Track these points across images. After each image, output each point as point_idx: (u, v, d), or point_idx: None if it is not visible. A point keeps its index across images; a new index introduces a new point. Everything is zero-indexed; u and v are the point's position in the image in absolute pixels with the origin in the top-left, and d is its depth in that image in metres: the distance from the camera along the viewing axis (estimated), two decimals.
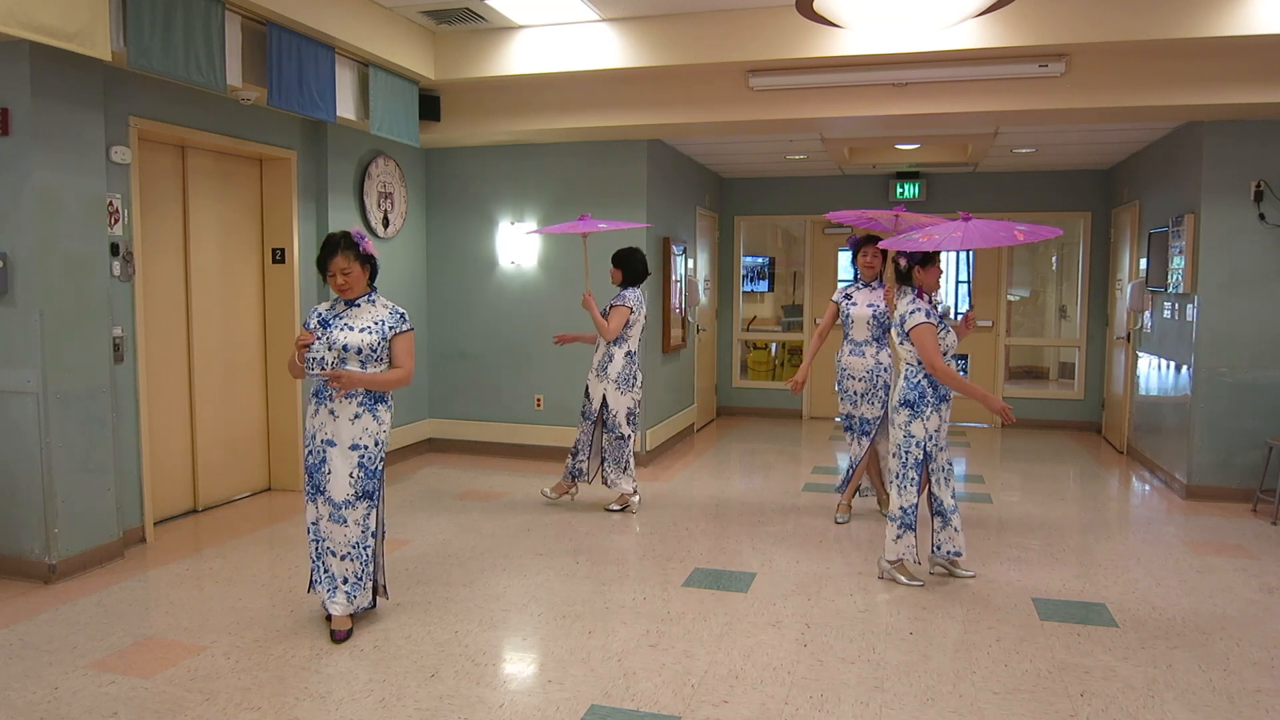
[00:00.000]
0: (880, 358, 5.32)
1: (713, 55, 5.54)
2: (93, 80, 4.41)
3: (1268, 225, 5.87)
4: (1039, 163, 8.43)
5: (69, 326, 4.35)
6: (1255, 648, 3.64)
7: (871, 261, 5.33)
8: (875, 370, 5.31)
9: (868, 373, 5.31)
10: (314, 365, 3.57)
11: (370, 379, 3.58)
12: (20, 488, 4.33)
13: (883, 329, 5.32)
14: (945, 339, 4.23)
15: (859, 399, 5.36)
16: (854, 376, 5.35)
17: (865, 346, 5.33)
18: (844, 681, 3.32)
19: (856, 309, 5.33)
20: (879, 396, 5.30)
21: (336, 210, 6.25)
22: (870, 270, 5.35)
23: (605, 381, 5.48)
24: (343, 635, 3.64)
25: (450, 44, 6.00)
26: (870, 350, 5.32)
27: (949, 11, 3.79)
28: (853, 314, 5.35)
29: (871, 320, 5.30)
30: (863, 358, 5.32)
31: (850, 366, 5.36)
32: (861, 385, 5.33)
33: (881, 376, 5.30)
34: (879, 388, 5.30)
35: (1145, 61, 5.29)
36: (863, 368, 5.32)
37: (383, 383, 3.62)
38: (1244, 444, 5.99)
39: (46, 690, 3.21)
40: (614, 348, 5.46)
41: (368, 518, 3.67)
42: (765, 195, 9.55)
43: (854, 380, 5.36)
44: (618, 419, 5.50)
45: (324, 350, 3.57)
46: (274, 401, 6.11)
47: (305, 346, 3.54)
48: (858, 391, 5.36)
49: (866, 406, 5.34)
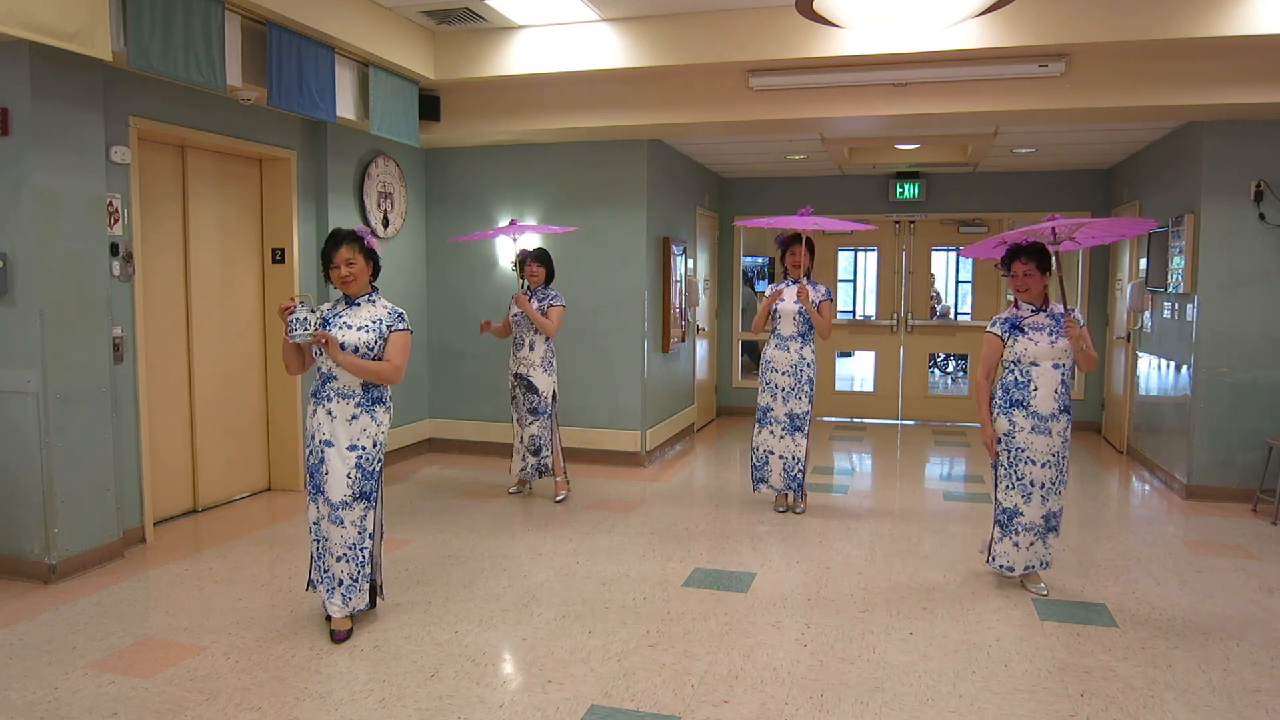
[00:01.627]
0: (804, 353, 5.48)
1: (713, 55, 5.54)
2: (93, 80, 4.41)
3: (1268, 225, 5.87)
4: (1039, 163, 8.43)
5: (69, 326, 4.35)
6: (1255, 648, 3.64)
7: (798, 260, 5.46)
8: (799, 365, 5.47)
9: (791, 367, 5.47)
10: (296, 325, 3.49)
11: (350, 360, 3.55)
12: (20, 488, 4.33)
13: (809, 325, 5.47)
14: (1014, 346, 4.17)
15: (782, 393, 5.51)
16: (778, 370, 5.52)
17: (790, 341, 5.49)
18: (844, 681, 3.32)
19: (784, 304, 5.48)
20: (805, 391, 5.47)
21: (336, 210, 6.25)
22: (797, 269, 5.48)
23: (551, 374, 5.79)
24: (342, 636, 3.64)
25: (450, 44, 5.99)
26: (795, 345, 5.48)
27: (949, 11, 3.79)
28: (780, 309, 5.50)
29: (798, 315, 5.45)
30: (787, 352, 5.49)
31: (774, 360, 5.53)
32: (787, 380, 5.49)
33: (806, 371, 5.47)
34: (804, 382, 5.47)
35: (1145, 61, 5.29)
36: (787, 361, 5.48)
37: (362, 369, 3.57)
38: (1244, 444, 5.99)
39: (46, 690, 3.21)
40: (539, 337, 5.77)
41: (365, 519, 3.66)
42: (765, 195, 9.55)
43: (778, 374, 5.52)
44: (553, 405, 5.85)
45: (306, 313, 3.52)
46: (274, 402, 6.11)
47: (288, 310, 3.49)
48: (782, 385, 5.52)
49: (795, 401, 5.49)
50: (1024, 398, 4.15)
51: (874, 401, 9.73)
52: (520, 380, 5.79)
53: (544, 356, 5.77)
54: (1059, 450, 4.16)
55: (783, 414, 5.51)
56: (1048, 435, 4.13)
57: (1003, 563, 4.28)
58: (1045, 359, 4.11)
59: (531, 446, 5.87)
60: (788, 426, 5.51)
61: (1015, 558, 4.26)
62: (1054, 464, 4.17)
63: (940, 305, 12.60)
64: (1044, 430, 4.13)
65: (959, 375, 12.40)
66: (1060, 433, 4.15)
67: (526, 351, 5.77)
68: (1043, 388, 4.12)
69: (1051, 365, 4.12)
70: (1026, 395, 4.15)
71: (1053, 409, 4.13)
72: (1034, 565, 4.27)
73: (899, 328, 9.56)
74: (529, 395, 5.78)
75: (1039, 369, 4.12)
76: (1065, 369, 4.15)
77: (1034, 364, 4.13)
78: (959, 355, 11.97)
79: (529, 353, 5.76)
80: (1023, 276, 4.15)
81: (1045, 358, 4.11)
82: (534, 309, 5.67)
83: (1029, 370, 4.14)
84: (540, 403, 5.77)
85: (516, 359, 5.81)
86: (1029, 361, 4.14)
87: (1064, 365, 4.14)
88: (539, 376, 5.74)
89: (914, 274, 9.62)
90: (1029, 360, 4.14)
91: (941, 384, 11.92)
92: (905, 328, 9.55)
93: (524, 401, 5.81)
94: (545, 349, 5.78)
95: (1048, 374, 4.12)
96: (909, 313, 9.57)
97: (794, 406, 5.48)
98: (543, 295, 5.78)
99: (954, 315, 13.25)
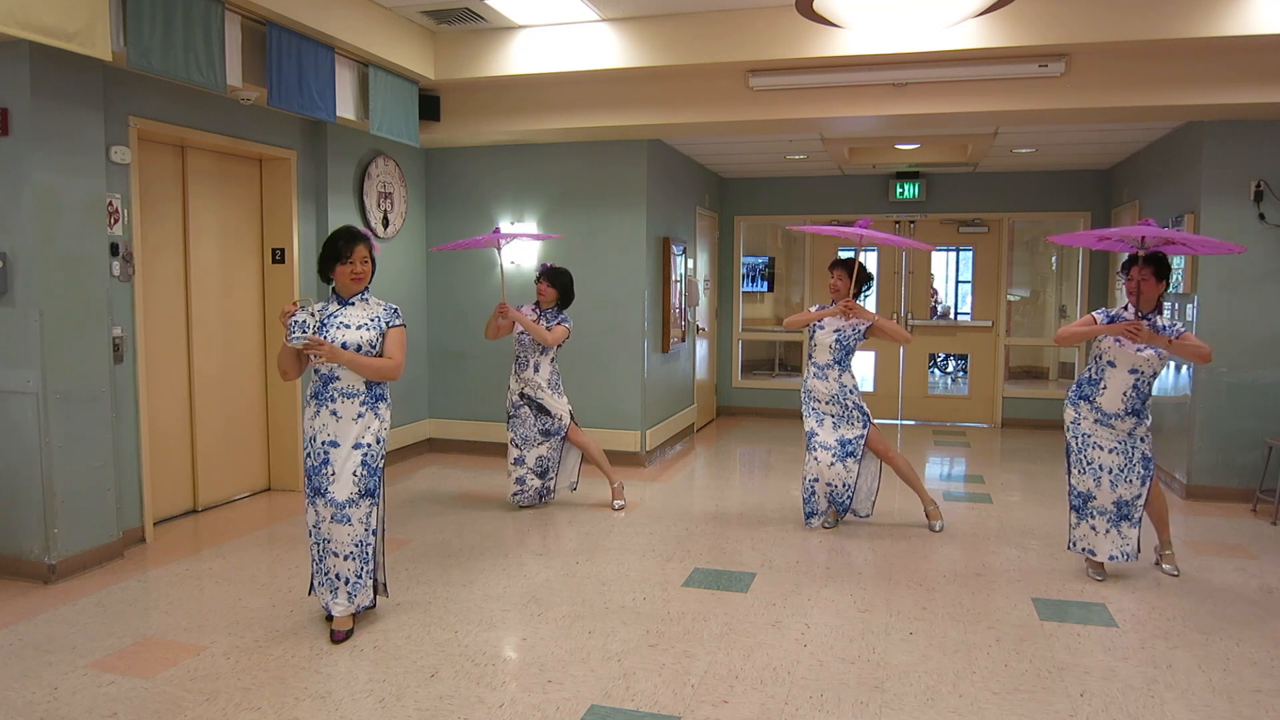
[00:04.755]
0: (844, 380, 5.15)
1: (713, 55, 5.54)
2: (93, 80, 4.41)
3: (1268, 225, 5.87)
4: (1039, 163, 8.43)
5: (69, 326, 4.35)
6: (1255, 648, 3.64)
7: (836, 284, 5.13)
8: (840, 394, 5.14)
9: (833, 396, 5.15)
10: (295, 329, 3.50)
11: (353, 358, 3.55)
12: (20, 488, 4.33)
13: (846, 352, 5.14)
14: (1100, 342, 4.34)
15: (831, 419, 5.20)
16: (819, 399, 5.20)
17: (828, 370, 5.16)
18: (844, 681, 3.32)
19: (822, 333, 5.16)
20: (855, 417, 5.14)
21: (336, 210, 6.25)
22: (836, 293, 5.14)
23: (560, 394, 5.60)
24: (342, 635, 3.64)
25: (450, 44, 6.00)
26: (833, 374, 5.14)
27: (949, 11, 3.79)
28: (818, 338, 5.18)
29: (835, 345, 5.12)
30: (825, 381, 5.17)
31: (815, 390, 5.21)
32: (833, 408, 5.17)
33: (850, 398, 5.14)
34: (852, 409, 5.14)
35: (1145, 61, 5.29)
36: (827, 392, 5.17)
37: (366, 366, 3.58)
38: (1244, 444, 5.99)
39: (46, 690, 3.21)
40: (545, 358, 5.55)
41: (369, 516, 3.68)
42: (765, 195, 9.55)
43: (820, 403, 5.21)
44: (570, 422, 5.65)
45: (305, 316, 3.52)
46: (274, 402, 6.11)
47: (288, 314, 3.50)
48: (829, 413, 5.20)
49: (846, 427, 5.17)
50: (1092, 394, 4.36)
51: (874, 401, 9.71)
52: (529, 402, 5.53)
53: (549, 378, 5.53)
54: (1124, 440, 4.32)
55: (833, 440, 5.16)
56: (1110, 429, 4.33)
57: (1084, 545, 4.45)
58: (1124, 363, 4.26)
59: (539, 468, 5.63)
60: (838, 453, 5.14)
61: (1095, 542, 4.41)
62: (1122, 451, 4.33)
63: (940, 305, 12.60)
64: (1107, 424, 4.34)
65: (959, 375, 12.39)
66: (1127, 430, 4.32)
67: (531, 373, 5.50)
68: (1111, 388, 4.30)
69: (1128, 370, 4.26)
70: (1095, 392, 4.35)
71: (1118, 409, 4.30)
72: (1116, 556, 4.39)
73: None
74: (541, 417, 5.54)
75: (1114, 370, 4.29)
76: (1143, 376, 4.27)
77: (1111, 364, 4.30)
78: (959, 355, 11.96)
79: (534, 374, 5.50)
80: (1138, 281, 4.22)
81: (1124, 362, 4.26)
82: (530, 319, 5.42)
83: (1104, 369, 4.32)
84: (554, 424, 5.54)
85: (520, 379, 5.53)
86: (1107, 361, 4.32)
87: (1141, 372, 4.26)
88: (549, 399, 5.50)
89: (914, 274, 9.62)
90: (1107, 360, 4.32)
91: (941, 384, 11.91)
92: (905, 328, 9.55)
93: (535, 423, 5.55)
94: (551, 370, 5.54)
95: (1121, 377, 4.28)
96: (909, 313, 9.57)
97: (845, 432, 5.14)
98: (551, 317, 5.54)
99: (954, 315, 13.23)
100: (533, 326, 5.38)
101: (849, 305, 5.00)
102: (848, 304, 5.01)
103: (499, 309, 5.39)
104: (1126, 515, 4.35)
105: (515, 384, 5.57)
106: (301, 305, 3.54)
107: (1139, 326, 4.07)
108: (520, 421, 5.59)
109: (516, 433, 5.60)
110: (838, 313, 5.06)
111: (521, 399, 5.56)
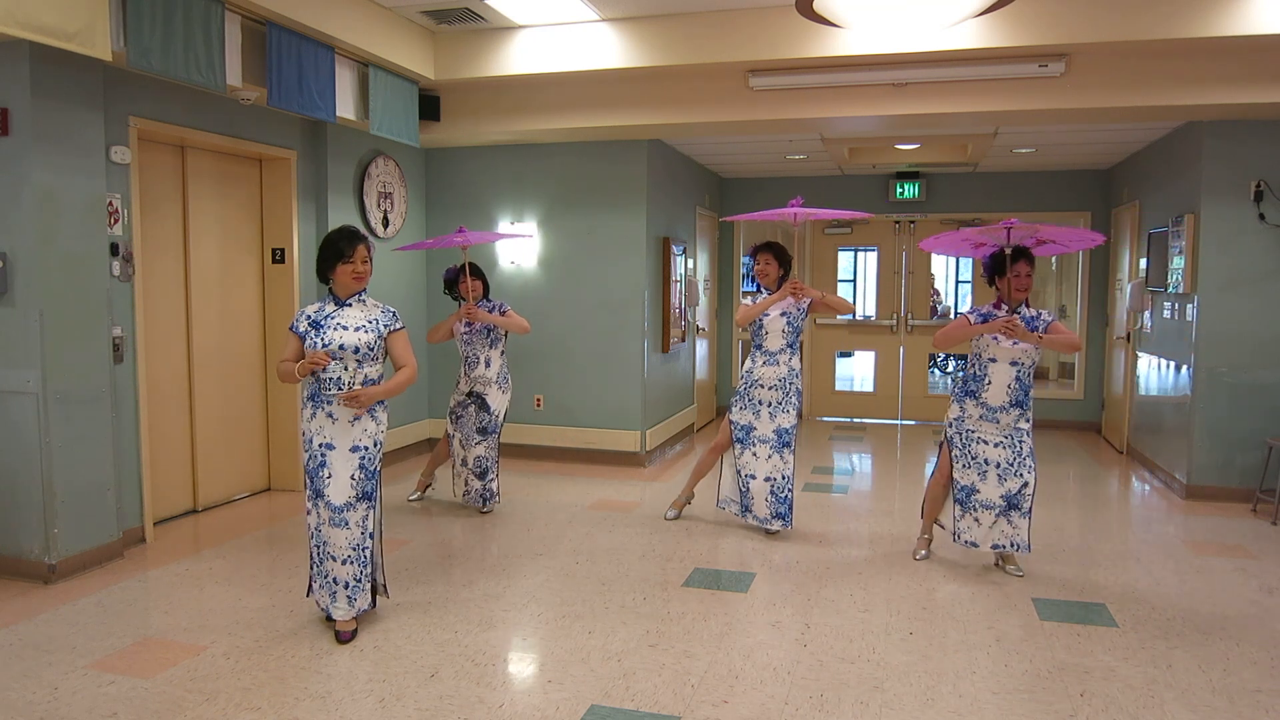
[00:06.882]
0: (793, 363, 5.10)
1: (713, 55, 5.54)
2: (93, 80, 4.41)
3: (1268, 225, 5.87)
4: (1039, 163, 8.43)
5: (69, 326, 4.34)
6: (1255, 648, 3.64)
7: (763, 269, 5.12)
8: (788, 378, 5.10)
9: (780, 380, 5.09)
10: (331, 386, 3.58)
11: (384, 390, 3.62)
12: (20, 488, 4.33)
13: (796, 335, 5.10)
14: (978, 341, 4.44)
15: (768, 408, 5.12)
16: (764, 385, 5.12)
17: (780, 355, 5.09)
18: (844, 681, 3.32)
19: (769, 319, 5.07)
20: (792, 403, 5.10)
21: (336, 210, 6.25)
22: (764, 277, 5.13)
23: (506, 391, 5.54)
24: (348, 636, 3.64)
25: (450, 44, 5.99)
26: (784, 358, 5.09)
27: (949, 11, 3.79)
28: (766, 324, 5.08)
29: (786, 328, 5.06)
30: (777, 366, 5.09)
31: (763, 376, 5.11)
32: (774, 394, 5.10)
33: (794, 383, 5.11)
34: (791, 394, 5.10)
35: (1145, 61, 5.29)
36: (776, 376, 5.09)
37: (395, 389, 3.66)
38: (1244, 444, 5.99)
39: (46, 690, 3.21)
40: (495, 352, 5.50)
41: (367, 519, 3.67)
42: (765, 195, 9.52)
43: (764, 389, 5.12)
44: (502, 423, 5.60)
45: (340, 371, 3.57)
46: (274, 401, 6.11)
47: (318, 366, 3.52)
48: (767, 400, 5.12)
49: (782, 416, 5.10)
50: (977, 390, 4.43)
51: (874, 401, 9.73)
52: (475, 399, 5.47)
53: (499, 373, 5.49)
54: (1010, 435, 4.39)
55: (769, 431, 5.08)
56: (996, 424, 4.41)
57: (967, 538, 4.51)
58: (1004, 357, 4.34)
59: (477, 469, 5.53)
60: (775, 444, 5.06)
61: (978, 534, 4.47)
62: (1009, 445, 4.39)
63: (940, 305, 12.60)
64: (992, 419, 4.41)
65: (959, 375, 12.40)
66: (1012, 422, 4.38)
67: (482, 369, 5.45)
68: (996, 383, 4.37)
69: (1009, 363, 4.33)
70: (980, 388, 4.42)
71: (1003, 402, 4.37)
72: (1003, 544, 4.44)
73: (899, 328, 9.56)
74: (481, 414, 5.46)
75: (996, 365, 4.36)
76: (1023, 368, 4.35)
77: (992, 360, 4.37)
78: (959, 355, 11.96)
79: (484, 370, 5.45)
80: (1025, 278, 4.33)
81: (1004, 356, 4.34)
82: (492, 315, 5.37)
83: (986, 366, 4.38)
84: (491, 421, 5.49)
85: (470, 378, 5.47)
86: (988, 358, 4.38)
87: (1022, 364, 4.33)
88: (494, 394, 5.46)
89: (914, 274, 9.62)
90: (988, 357, 4.38)
91: (942, 384, 11.91)
92: (905, 328, 9.55)
93: (474, 420, 5.47)
94: (501, 364, 5.51)
95: (1004, 370, 4.35)
96: (909, 313, 9.57)
97: (782, 421, 5.07)
98: (490, 305, 5.49)
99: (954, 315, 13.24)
100: (514, 320, 5.42)
101: (797, 285, 4.99)
102: (795, 283, 4.99)
103: (466, 312, 5.30)
104: (1016, 505, 4.41)
105: (465, 384, 5.54)
106: (333, 356, 3.57)
107: (1014, 323, 4.18)
108: (462, 421, 5.55)
109: (458, 433, 5.56)
110: (786, 294, 5.02)
111: (469, 398, 5.52)
